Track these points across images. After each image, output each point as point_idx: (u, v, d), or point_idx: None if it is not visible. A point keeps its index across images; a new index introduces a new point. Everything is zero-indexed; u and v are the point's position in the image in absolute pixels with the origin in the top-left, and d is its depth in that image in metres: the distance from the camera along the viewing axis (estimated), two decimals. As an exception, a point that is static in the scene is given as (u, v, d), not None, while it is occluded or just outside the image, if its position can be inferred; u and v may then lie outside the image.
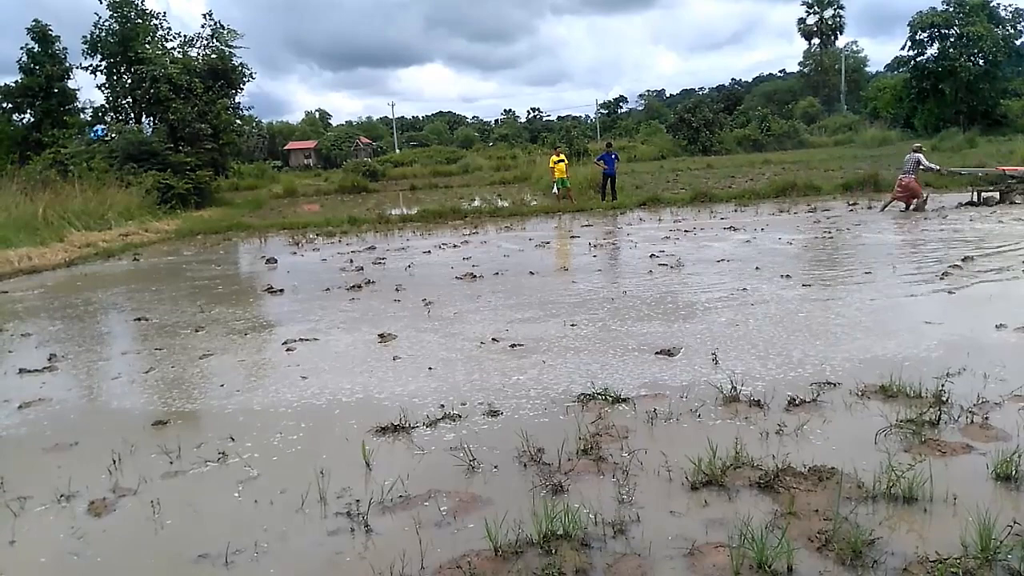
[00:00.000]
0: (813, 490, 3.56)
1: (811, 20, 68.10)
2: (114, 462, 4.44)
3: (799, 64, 76.71)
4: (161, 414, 5.37)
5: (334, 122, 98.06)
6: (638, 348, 6.27)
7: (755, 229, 13.92)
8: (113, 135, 28.67)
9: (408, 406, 5.11)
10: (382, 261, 12.73)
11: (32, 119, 34.10)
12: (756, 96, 76.64)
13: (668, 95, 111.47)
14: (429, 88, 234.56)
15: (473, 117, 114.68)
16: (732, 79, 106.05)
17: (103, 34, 29.65)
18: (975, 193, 16.36)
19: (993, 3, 45.24)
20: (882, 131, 45.01)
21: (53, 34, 33.85)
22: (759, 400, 4.78)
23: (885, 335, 6.19)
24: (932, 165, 16.29)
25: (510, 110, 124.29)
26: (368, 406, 5.26)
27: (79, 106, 34.31)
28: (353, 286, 10.25)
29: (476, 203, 23.67)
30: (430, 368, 6.08)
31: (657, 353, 6.05)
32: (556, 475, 3.90)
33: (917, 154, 15.79)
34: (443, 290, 9.53)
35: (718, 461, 3.81)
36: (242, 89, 32.82)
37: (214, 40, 31.37)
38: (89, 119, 32.79)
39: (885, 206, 16.00)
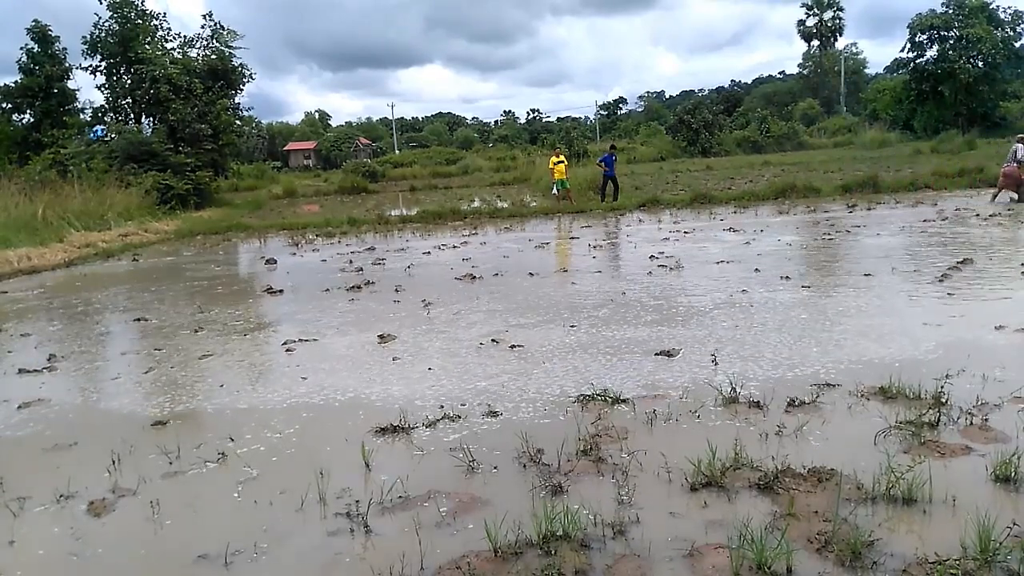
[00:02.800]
0: (813, 491, 3.56)
1: (810, 22, 68.26)
2: (113, 462, 4.44)
3: (799, 66, 76.95)
4: (160, 414, 5.37)
5: (334, 123, 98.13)
6: (637, 349, 6.27)
7: (754, 231, 13.93)
8: (113, 135, 28.65)
9: (408, 407, 5.11)
10: (382, 262, 12.73)
11: (32, 119, 34.07)
12: (756, 98, 76.66)
13: (668, 96, 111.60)
14: (429, 89, 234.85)
15: (473, 118, 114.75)
16: (732, 80, 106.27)
17: (103, 34, 29.60)
18: None
19: (992, 5, 45.33)
20: (881, 133, 45.06)
21: (53, 34, 33.85)
22: (758, 401, 4.79)
23: (884, 336, 6.20)
24: None
25: (510, 111, 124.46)
26: (367, 407, 5.26)
27: (79, 106, 34.31)
28: (353, 287, 10.25)
29: (476, 204, 23.67)
30: (429, 369, 6.08)
31: (656, 354, 6.06)
32: (556, 476, 3.91)
33: (1019, 144, 16.00)
34: (443, 291, 9.54)
35: (718, 462, 3.81)
36: (242, 90, 32.87)
37: (214, 41, 31.38)
38: (89, 119, 32.72)
39: (994, 197, 16.14)
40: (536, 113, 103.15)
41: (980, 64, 44.67)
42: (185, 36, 31.99)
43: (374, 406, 5.25)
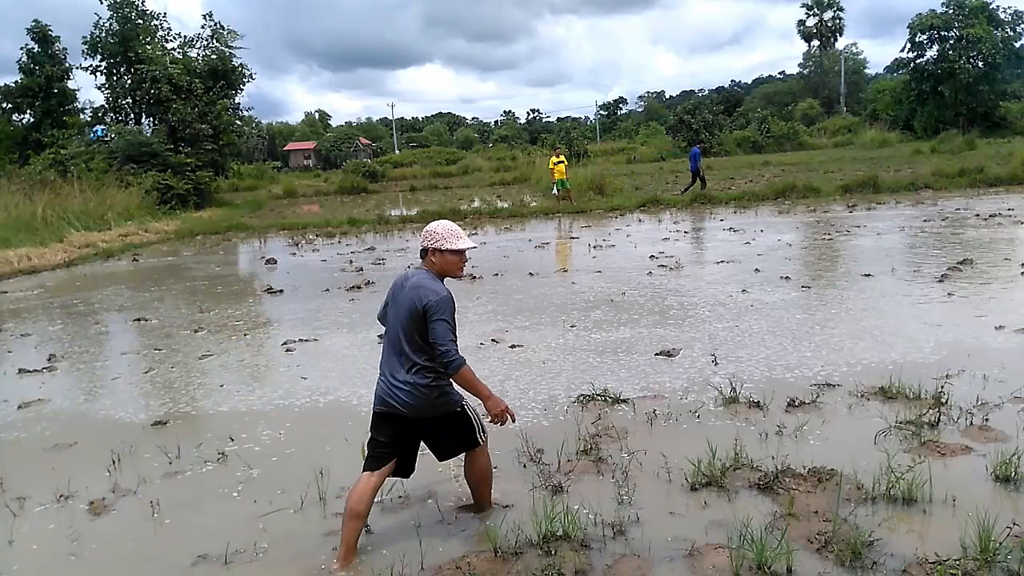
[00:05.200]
0: (813, 491, 3.56)
1: (811, 22, 68.05)
2: (113, 462, 4.44)
3: (799, 66, 76.64)
4: (160, 414, 5.37)
5: (333, 123, 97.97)
6: (637, 349, 6.27)
7: (754, 231, 13.93)
8: (113, 135, 28.61)
9: (408, 407, 5.10)
10: (382, 262, 12.73)
11: (32, 119, 34.08)
12: (756, 98, 76.47)
13: (668, 96, 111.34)
14: (428, 89, 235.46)
15: (473, 118, 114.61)
16: (732, 80, 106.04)
17: (103, 34, 29.57)
18: None
19: (992, 5, 45.28)
20: (882, 133, 44.94)
21: (53, 34, 33.85)
22: (758, 401, 4.79)
23: (884, 336, 6.20)
24: None
25: (510, 111, 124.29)
26: (368, 406, 5.23)
27: (79, 106, 34.32)
28: (353, 287, 10.25)
29: (476, 204, 23.66)
30: (430, 369, 6.07)
31: (657, 354, 6.06)
32: (556, 476, 3.91)
33: None
34: (443, 291, 9.52)
35: (718, 462, 3.81)
36: (242, 90, 32.75)
37: (214, 41, 31.31)
38: (89, 119, 32.70)
39: None
40: (536, 113, 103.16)
41: (980, 64, 44.61)
42: (185, 36, 31.97)
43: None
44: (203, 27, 31.63)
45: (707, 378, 5.37)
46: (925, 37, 46.18)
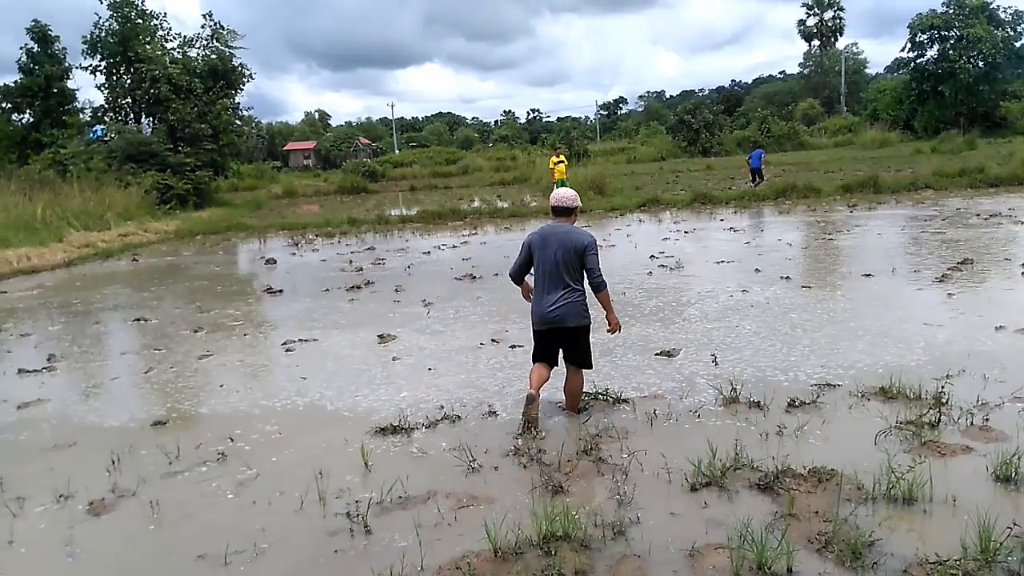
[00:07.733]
0: (813, 491, 3.56)
1: (811, 22, 68.04)
2: (113, 462, 4.44)
3: (799, 65, 76.62)
4: (160, 414, 5.37)
5: (333, 123, 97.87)
6: (638, 349, 6.27)
7: (755, 231, 13.92)
8: (112, 135, 28.59)
9: (407, 407, 5.11)
10: (381, 262, 12.73)
11: (31, 119, 34.01)
12: (756, 97, 76.45)
13: (668, 96, 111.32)
14: (428, 89, 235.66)
15: (473, 118, 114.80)
16: (732, 80, 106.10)
17: (103, 34, 29.52)
18: None
19: (993, 5, 45.26)
20: (882, 133, 44.92)
21: (52, 34, 33.81)
22: (759, 401, 4.78)
23: (884, 336, 6.19)
24: None
25: (510, 111, 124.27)
26: (367, 407, 5.26)
27: (78, 106, 34.26)
28: (352, 287, 10.24)
29: (476, 204, 23.65)
30: (430, 369, 6.07)
31: (657, 354, 6.05)
32: (556, 476, 3.90)
33: None
34: (443, 291, 9.53)
35: (718, 462, 3.81)
36: (242, 89, 32.70)
37: (214, 40, 31.28)
38: (88, 119, 32.65)
39: None
40: (536, 113, 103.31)
41: (980, 64, 44.58)
42: (185, 36, 31.91)
43: (374, 406, 5.25)
44: (203, 27, 31.58)
45: (707, 378, 5.36)
46: (925, 37, 46.16)
